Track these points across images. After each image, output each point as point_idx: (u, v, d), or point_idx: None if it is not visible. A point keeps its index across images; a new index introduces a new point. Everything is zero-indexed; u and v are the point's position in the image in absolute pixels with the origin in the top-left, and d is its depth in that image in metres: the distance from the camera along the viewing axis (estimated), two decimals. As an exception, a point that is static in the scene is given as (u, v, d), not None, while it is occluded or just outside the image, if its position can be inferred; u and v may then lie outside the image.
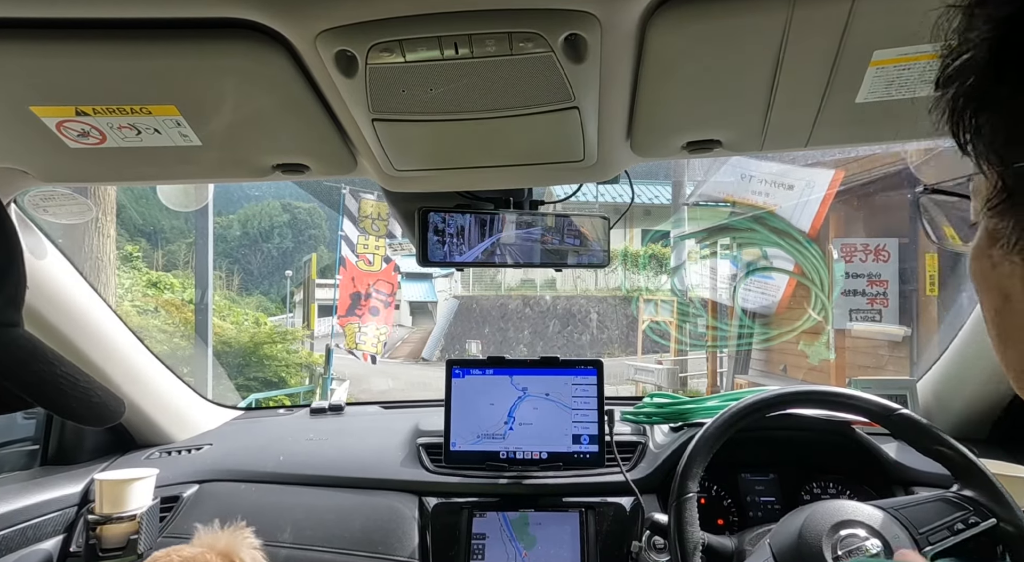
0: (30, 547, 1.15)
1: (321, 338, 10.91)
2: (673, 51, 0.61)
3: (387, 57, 0.57)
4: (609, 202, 8.77)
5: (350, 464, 1.32)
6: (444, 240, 1.03)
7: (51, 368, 0.54)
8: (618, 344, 13.13)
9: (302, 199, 33.34)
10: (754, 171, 5.89)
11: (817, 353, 6.06)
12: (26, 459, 1.39)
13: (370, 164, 0.84)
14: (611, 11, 0.55)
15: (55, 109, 0.68)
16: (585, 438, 1.28)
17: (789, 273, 6.10)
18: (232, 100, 0.68)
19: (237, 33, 0.58)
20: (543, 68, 0.60)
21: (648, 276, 10.40)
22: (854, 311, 5.52)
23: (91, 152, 0.76)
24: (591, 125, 0.72)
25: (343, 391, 7.30)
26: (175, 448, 1.43)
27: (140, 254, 12.31)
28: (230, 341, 9.14)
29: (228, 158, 0.81)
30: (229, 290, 24.54)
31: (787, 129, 0.75)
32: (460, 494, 1.25)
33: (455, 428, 1.30)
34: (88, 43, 0.59)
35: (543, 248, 1.06)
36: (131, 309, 8.82)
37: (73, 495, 1.25)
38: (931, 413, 1.31)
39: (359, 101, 0.65)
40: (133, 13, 0.56)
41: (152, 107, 0.68)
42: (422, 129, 0.71)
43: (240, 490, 1.29)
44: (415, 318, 18.76)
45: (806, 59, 0.62)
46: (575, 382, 1.31)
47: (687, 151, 0.81)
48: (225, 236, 31.83)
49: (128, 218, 23.31)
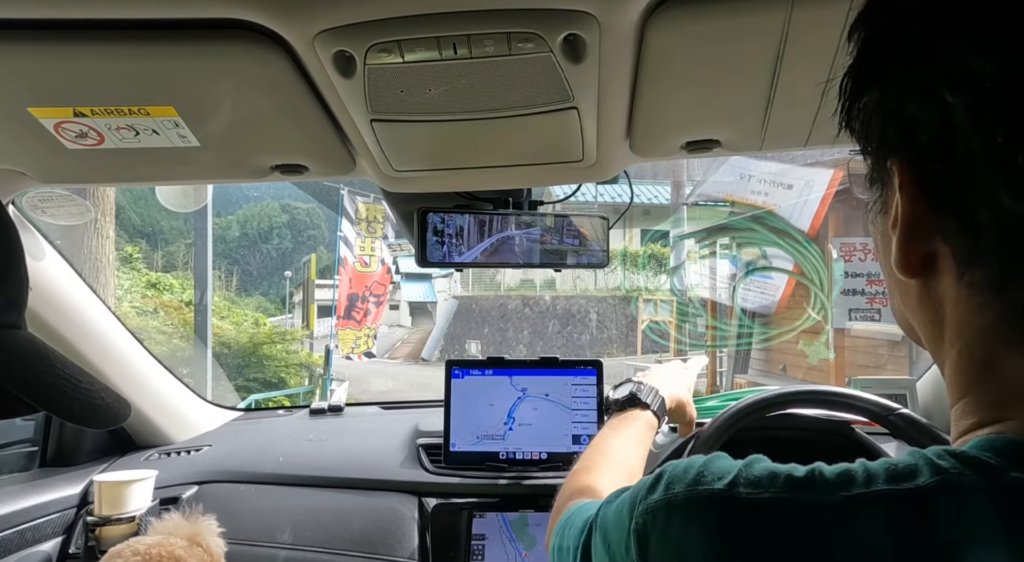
0: (29, 549, 1.15)
1: (320, 338, 10.91)
2: (672, 51, 0.61)
3: (385, 57, 0.57)
4: (608, 202, 8.77)
5: (350, 465, 1.32)
6: (443, 240, 1.03)
7: (53, 370, 0.53)
8: (617, 344, 13.14)
9: (301, 199, 33.38)
10: (753, 171, 5.89)
11: (816, 352, 6.07)
12: (25, 461, 1.38)
13: (369, 165, 0.84)
14: (610, 11, 0.55)
15: (53, 110, 0.68)
16: (585, 438, 1.28)
17: (788, 273, 6.11)
18: (230, 101, 0.68)
19: (235, 34, 0.58)
20: (542, 68, 0.60)
21: (647, 276, 10.41)
22: (853, 310, 5.52)
23: (89, 153, 0.76)
24: (590, 125, 0.72)
25: (342, 392, 7.31)
26: (174, 449, 1.43)
27: (139, 255, 12.30)
28: (229, 342, 9.13)
29: (226, 159, 0.81)
30: (228, 291, 24.55)
31: (786, 128, 0.75)
32: (460, 495, 1.25)
33: (455, 429, 1.30)
34: (86, 44, 0.59)
35: (542, 248, 1.06)
36: (130, 310, 8.81)
37: (72, 497, 1.24)
38: (931, 412, 1.31)
39: (358, 102, 0.65)
40: (130, 14, 0.56)
41: (150, 108, 0.68)
42: (421, 129, 0.71)
43: (239, 491, 1.29)
44: (415, 318, 18.76)
45: (805, 58, 0.62)
46: (575, 382, 1.31)
47: (686, 151, 0.81)
48: (224, 237, 31.85)
49: (127, 219, 23.31)
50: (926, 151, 0.32)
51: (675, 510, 0.35)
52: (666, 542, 0.34)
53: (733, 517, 0.32)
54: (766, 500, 0.31)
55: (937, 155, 0.31)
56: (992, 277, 0.31)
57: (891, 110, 0.33)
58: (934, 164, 0.32)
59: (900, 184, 0.34)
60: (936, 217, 0.33)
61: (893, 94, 0.33)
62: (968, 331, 0.34)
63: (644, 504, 0.37)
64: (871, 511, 0.29)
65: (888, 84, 0.33)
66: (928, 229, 0.33)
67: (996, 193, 0.29)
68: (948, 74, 0.30)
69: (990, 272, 0.31)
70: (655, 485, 0.37)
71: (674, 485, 0.35)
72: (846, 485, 0.30)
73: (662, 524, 0.35)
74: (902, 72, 0.32)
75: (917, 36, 0.32)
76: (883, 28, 0.34)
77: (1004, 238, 0.30)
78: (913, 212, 0.34)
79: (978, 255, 0.31)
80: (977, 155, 0.29)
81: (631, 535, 0.36)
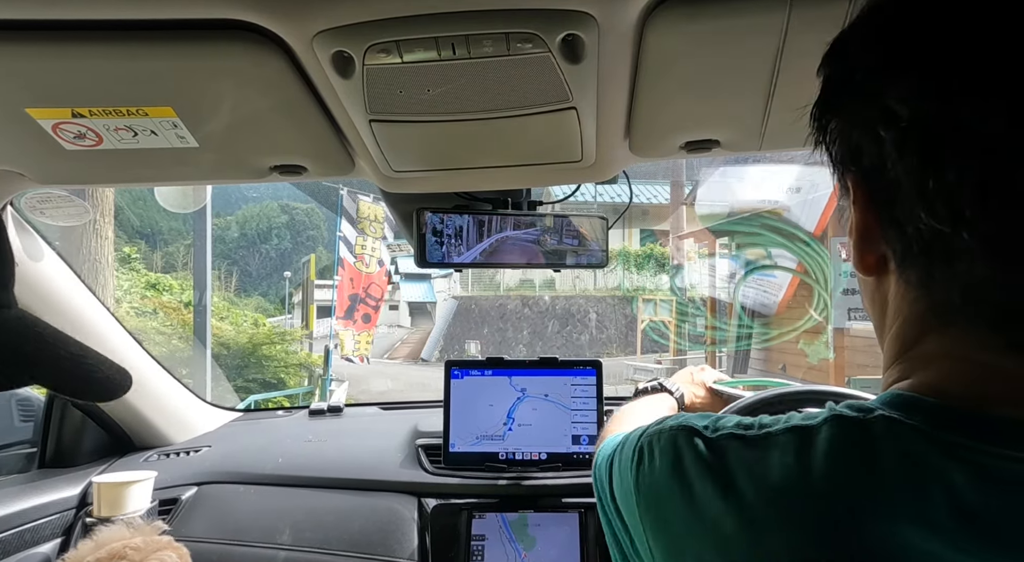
0: (28, 550, 1.15)
1: (320, 339, 10.90)
2: (671, 51, 0.61)
3: (384, 58, 0.57)
4: (608, 202, 8.77)
5: (349, 465, 1.32)
6: (442, 241, 1.03)
7: (49, 346, 0.53)
8: (617, 344, 13.14)
9: (300, 200, 33.39)
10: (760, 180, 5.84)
11: (816, 352, 6.07)
12: (24, 462, 1.38)
13: (368, 165, 0.84)
14: (609, 11, 0.55)
15: (51, 111, 0.68)
16: (584, 438, 1.28)
17: (792, 272, 6.11)
18: (229, 101, 0.67)
19: (233, 34, 0.58)
20: (541, 69, 0.59)
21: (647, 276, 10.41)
22: (853, 310, 5.52)
23: (88, 154, 0.76)
24: (589, 125, 0.72)
25: (342, 392, 7.30)
26: (173, 450, 1.42)
27: (138, 256, 12.29)
28: (229, 342, 9.12)
29: (225, 159, 0.81)
30: (227, 291, 24.54)
31: (785, 128, 0.75)
32: (459, 495, 1.25)
33: (454, 429, 1.30)
34: (84, 45, 0.58)
35: (542, 248, 1.06)
36: (129, 311, 8.81)
37: (71, 498, 1.24)
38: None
39: (356, 102, 0.64)
40: (128, 14, 0.55)
41: (148, 109, 0.67)
42: (420, 130, 0.71)
43: (239, 492, 1.29)
44: (414, 319, 18.76)
45: (804, 58, 0.62)
46: (574, 382, 1.31)
47: (685, 151, 0.81)
48: (223, 237, 31.85)
49: (126, 220, 23.30)
50: (869, 172, 0.38)
51: (664, 434, 0.47)
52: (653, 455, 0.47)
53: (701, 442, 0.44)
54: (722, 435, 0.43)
55: (877, 176, 0.38)
56: (921, 277, 0.38)
57: (845, 137, 0.40)
58: (877, 183, 0.38)
59: (854, 198, 0.41)
60: (881, 226, 0.39)
61: (845, 123, 0.40)
62: (902, 317, 0.41)
63: (647, 431, 0.50)
64: (780, 438, 0.40)
65: (841, 115, 0.40)
66: (876, 235, 0.40)
67: (916, 210, 0.35)
68: (880, 112, 0.36)
69: (920, 273, 0.38)
70: (662, 421, 0.50)
71: (669, 421, 0.49)
72: (771, 425, 0.42)
73: (656, 441, 0.48)
74: (850, 107, 0.39)
75: (860, 80, 0.38)
76: (838, 71, 0.41)
77: (924, 247, 0.36)
78: (864, 221, 0.40)
79: (909, 259, 0.38)
80: (902, 178, 0.35)
81: (635, 452, 0.49)
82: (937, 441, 0.35)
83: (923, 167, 0.34)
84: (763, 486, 0.39)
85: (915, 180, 0.35)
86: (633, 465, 0.49)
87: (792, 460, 0.38)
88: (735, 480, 0.40)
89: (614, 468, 0.54)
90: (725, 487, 0.40)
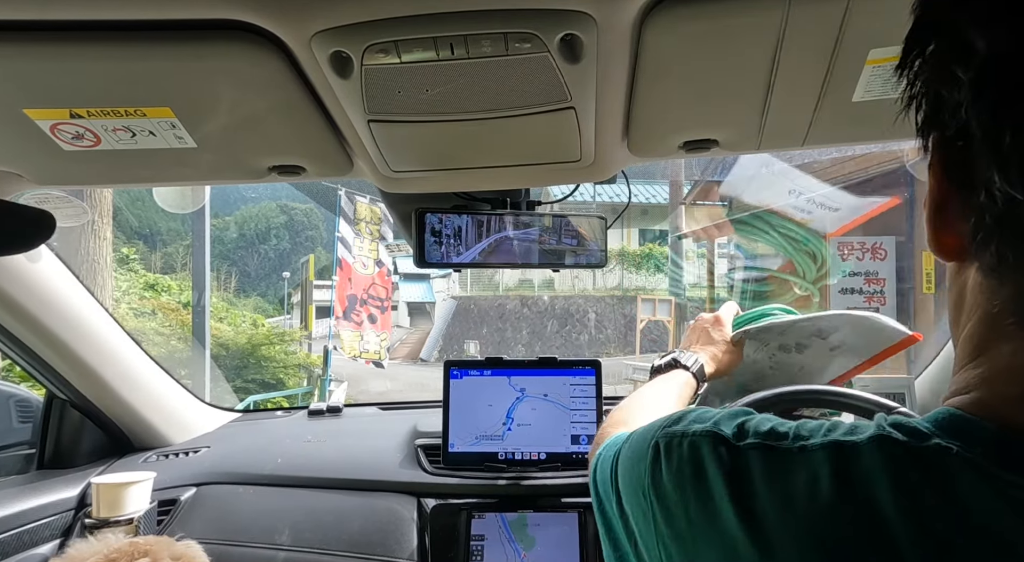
0: (27, 551, 1.14)
1: (319, 339, 10.89)
2: (669, 51, 0.61)
3: (382, 58, 0.57)
4: (606, 202, 8.78)
5: (348, 466, 1.32)
6: (441, 241, 1.03)
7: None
8: (616, 344, 13.15)
9: (299, 200, 33.37)
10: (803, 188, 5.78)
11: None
12: (22, 463, 1.38)
13: (366, 165, 0.84)
14: (607, 11, 0.55)
15: (49, 112, 0.68)
16: (584, 438, 1.28)
17: (775, 273, 6.10)
18: (227, 102, 0.67)
19: (232, 35, 0.58)
20: (539, 69, 0.59)
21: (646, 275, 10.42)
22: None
23: (86, 155, 0.76)
24: (588, 125, 0.72)
25: (341, 392, 7.30)
26: (172, 451, 1.42)
27: (137, 256, 12.28)
28: (227, 343, 9.12)
29: (224, 160, 0.81)
30: (226, 292, 24.52)
31: (784, 128, 0.75)
32: (458, 495, 1.25)
33: (453, 429, 1.30)
34: (82, 45, 0.58)
35: (540, 248, 1.06)
36: (128, 312, 8.80)
37: (70, 499, 1.24)
38: (928, 410, 1.31)
39: (355, 102, 0.64)
40: (127, 15, 0.55)
41: (146, 109, 0.67)
42: (418, 130, 0.71)
43: (238, 493, 1.29)
44: (413, 319, 18.76)
45: (802, 58, 0.62)
46: (573, 382, 1.31)
47: (684, 151, 0.81)
48: (222, 238, 31.84)
49: (124, 221, 23.26)
50: (947, 127, 0.32)
51: (686, 439, 0.43)
52: (671, 458, 0.43)
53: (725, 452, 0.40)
54: (750, 444, 0.39)
55: (955, 133, 0.31)
56: (994, 261, 0.31)
57: (930, 89, 0.34)
58: (953, 141, 0.32)
59: (930, 163, 0.34)
60: (960, 198, 0.33)
61: (927, 75, 0.34)
62: (975, 315, 0.35)
63: (667, 430, 0.45)
64: (817, 454, 0.36)
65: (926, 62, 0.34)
66: (954, 210, 0.33)
67: (990, 172, 0.29)
68: (958, 51, 0.30)
69: (992, 256, 0.31)
70: (680, 419, 0.45)
71: (695, 423, 0.44)
72: (808, 437, 0.37)
73: (676, 445, 0.43)
74: (934, 50, 0.33)
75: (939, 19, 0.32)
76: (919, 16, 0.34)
77: (998, 220, 0.30)
78: (939, 190, 0.34)
79: (982, 235, 0.31)
80: (975, 131, 0.30)
81: (650, 448, 0.45)
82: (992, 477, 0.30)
83: (996, 116, 0.29)
84: (785, 508, 0.35)
85: (988, 132, 0.29)
86: (648, 464, 0.45)
87: (825, 482, 0.34)
88: (756, 499, 0.36)
89: (620, 464, 0.51)
90: (745, 507, 0.37)
